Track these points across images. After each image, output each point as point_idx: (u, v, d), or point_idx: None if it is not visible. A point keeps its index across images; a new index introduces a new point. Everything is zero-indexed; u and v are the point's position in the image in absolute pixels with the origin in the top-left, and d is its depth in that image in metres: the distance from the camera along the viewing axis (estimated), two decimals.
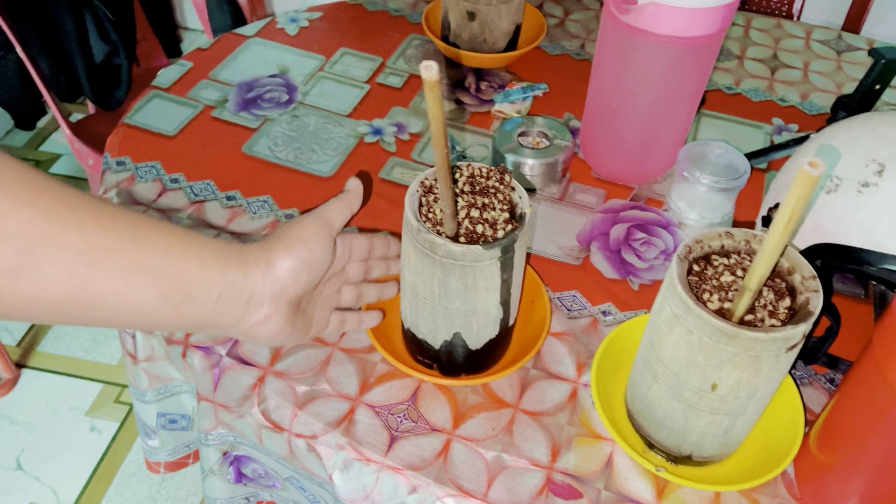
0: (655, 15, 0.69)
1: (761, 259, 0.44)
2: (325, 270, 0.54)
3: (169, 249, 0.43)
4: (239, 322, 0.49)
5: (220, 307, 0.47)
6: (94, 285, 0.40)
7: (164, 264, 0.43)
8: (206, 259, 0.45)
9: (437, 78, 0.40)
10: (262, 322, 0.50)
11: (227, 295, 0.47)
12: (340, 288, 0.61)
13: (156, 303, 0.43)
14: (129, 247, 0.41)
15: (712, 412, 0.53)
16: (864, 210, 0.55)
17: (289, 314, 0.51)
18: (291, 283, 0.50)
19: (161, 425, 0.84)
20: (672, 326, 0.51)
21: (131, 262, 0.41)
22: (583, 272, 0.75)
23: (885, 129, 0.57)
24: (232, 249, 0.48)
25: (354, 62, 1.01)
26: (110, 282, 0.40)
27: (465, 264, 0.54)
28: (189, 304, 0.45)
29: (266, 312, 0.49)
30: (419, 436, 0.61)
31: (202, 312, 0.46)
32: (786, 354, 0.49)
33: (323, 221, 0.53)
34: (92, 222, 0.39)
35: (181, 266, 0.44)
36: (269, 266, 0.49)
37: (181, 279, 0.44)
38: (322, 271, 0.53)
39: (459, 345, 0.61)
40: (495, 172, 0.59)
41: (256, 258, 0.49)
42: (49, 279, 0.38)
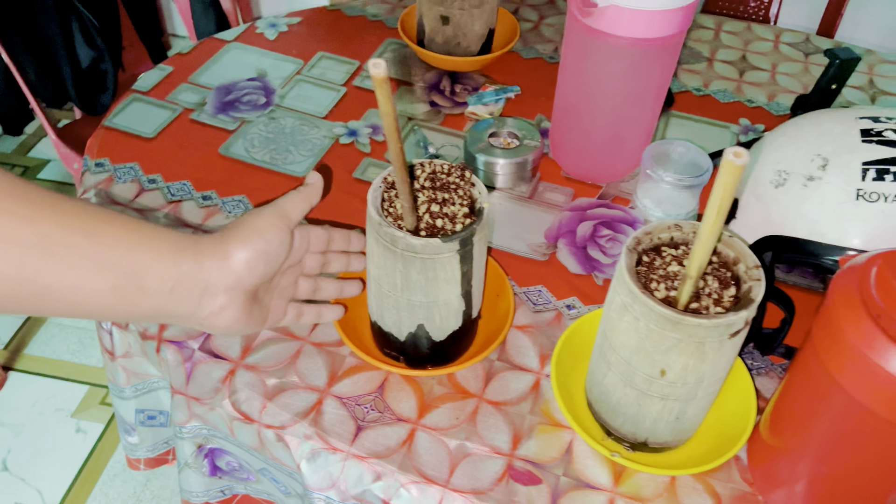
0: (615, 17, 0.71)
1: (698, 247, 0.46)
2: (282, 262, 0.55)
3: (123, 241, 0.45)
4: (194, 312, 0.50)
5: (174, 298, 0.48)
6: (46, 278, 0.41)
7: (117, 256, 0.44)
8: (161, 250, 0.47)
9: (384, 75, 0.42)
10: (218, 312, 0.51)
11: (181, 286, 0.48)
12: (297, 279, 0.62)
13: (109, 294, 0.44)
14: (81, 240, 0.42)
15: (663, 398, 0.55)
16: (810, 203, 0.57)
17: (245, 304, 0.53)
18: (247, 274, 0.51)
19: (140, 421, 0.86)
20: (622, 315, 0.53)
21: (84, 255, 0.42)
22: (549, 268, 0.77)
23: (831, 126, 0.59)
24: (187, 241, 0.49)
25: (332, 65, 1.03)
26: (62, 274, 0.42)
27: (424, 257, 0.56)
28: (143, 295, 0.46)
29: (221, 303, 0.51)
30: (385, 425, 0.63)
31: (156, 303, 0.47)
32: (729, 340, 0.51)
33: (280, 214, 0.54)
34: (44, 216, 0.41)
35: (134, 258, 0.45)
36: (225, 257, 0.50)
37: (134, 271, 0.45)
38: (278, 263, 0.54)
39: (423, 336, 0.63)
40: (456, 169, 0.61)
41: (212, 249, 0.50)
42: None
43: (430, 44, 1.01)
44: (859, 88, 1.04)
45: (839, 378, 0.48)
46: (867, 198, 0.55)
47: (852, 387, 0.48)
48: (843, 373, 0.48)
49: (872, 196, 0.55)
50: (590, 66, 0.77)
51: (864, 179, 0.55)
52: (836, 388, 0.49)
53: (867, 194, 0.55)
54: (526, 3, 1.18)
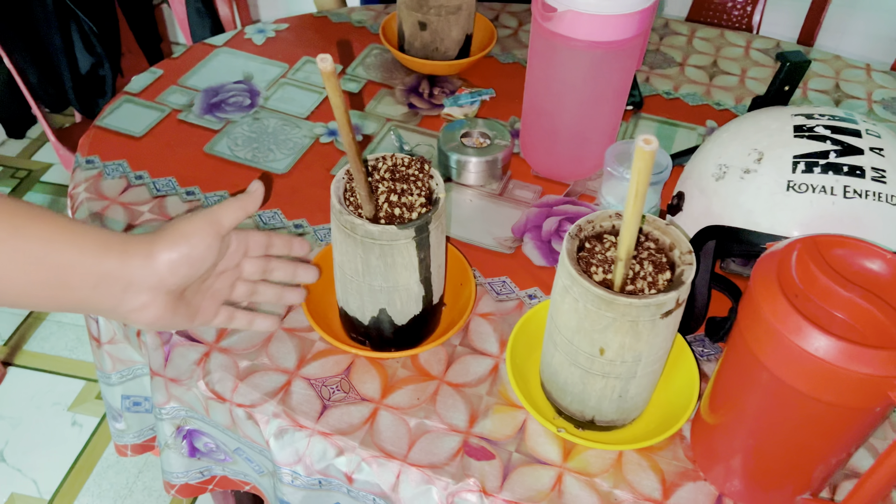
0: (574, 21, 0.75)
1: (624, 231, 0.50)
2: (210, 266, 0.56)
3: (49, 239, 0.48)
4: (117, 307, 0.52)
5: (97, 293, 0.50)
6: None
7: (44, 253, 0.47)
8: (86, 248, 0.49)
9: (331, 68, 0.46)
10: (140, 309, 0.53)
11: (105, 282, 0.50)
12: (234, 283, 0.62)
13: (36, 287, 0.48)
14: (9, 237, 0.46)
15: (605, 376, 0.58)
16: (746, 194, 0.61)
17: (168, 303, 0.54)
18: (169, 275, 0.53)
19: (126, 407, 0.90)
20: (563, 297, 0.56)
21: (12, 251, 0.46)
22: (514, 260, 0.81)
23: (768, 122, 0.63)
24: (114, 239, 0.52)
25: (315, 69, 1.07)
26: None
27: (382, 243, 0.60)
28: (67, 289, 0.49)
29: (144, 300, 0.53)
30: (349, 405, 0.67)
31: (80, 297, 0.50)
32: (662, 320, 0.54)
33: (211, 220, 0.55)
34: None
35: (60, 254, 0.48)
36: (150, 257, 0.52)
37: (59, 266, 0.48)
38: (204, 267, 0.56)
39: (386, 321, 0.67)
40: (415, 162, 0.64)
41: (138, 248, 0.52)
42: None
43: (410, 49, 1.05)
44: (824, 92, 1.07)
45: (761, 357, 0.52)
46: (797, 189, 0.58)
47: (773, 365, 0.51)
48: (764, 352, 0.51)
49: (801, 187, 0.58)
50: (553, 69, 0.81)
51: (794, 171, 0.59)
52: (760, 366, 0.52)
53: (797, 185, 0.58)
54: (506, 10, 1.22)
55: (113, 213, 0.83)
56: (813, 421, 0.52)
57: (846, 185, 0.57)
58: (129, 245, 0.52)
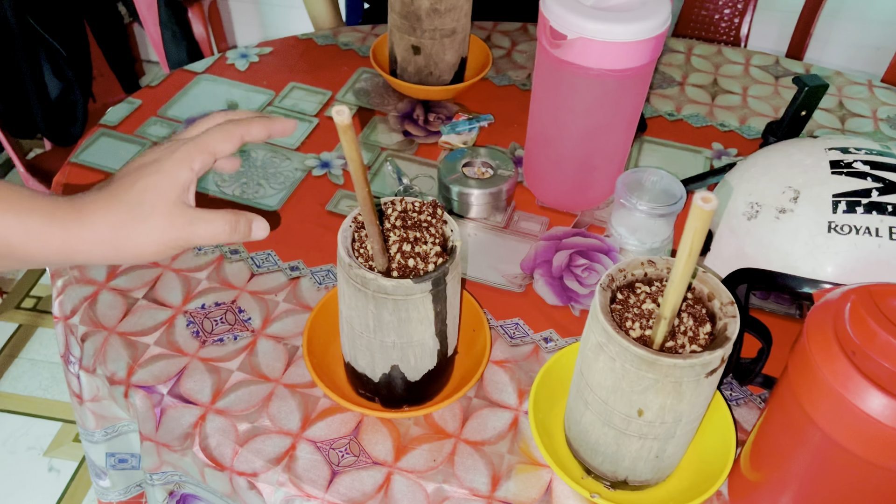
0: (585, 49, 0.71)
1: (671, 289, 0.45)
2: None
3: None
4: (85, 262, 0.51)
5: (56, 262, 0.50)
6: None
7: None
8: (31, 226, 0.48)
9: (348, 122, 0.41)
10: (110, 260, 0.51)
11: (57, 257, 0.49)
12: None
13: None
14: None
15: (642, 437, 0.54)
16: (782, 235, 0.57)
17: None
18: (127, 251, 0.51)
19: (111, 465, 0.84)
20: (597, 354, 0.52)
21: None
22: (526, 299, 0.77)
23: (801, 157, 0.59)
24: (60, 211, 0.49)
25: (304, 96, 1.02)
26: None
27: (397, 298, 0.55)
28: (20, 262, 0.49)
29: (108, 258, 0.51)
30: (360, 470, 0.62)
31: (39, 262, 0.50)
32: (706, 379, 0.50)
33: (184, 182, 0.52)
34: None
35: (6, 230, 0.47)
36: (101, 241, 0.50)
37: (7, 244, 0.47)
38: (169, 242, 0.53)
39: (398, 377, 0.62)
40: (427, 206, 0.60)
41: (86, 227, 0.49)
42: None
43: (403, 73, 1.00)
44: (829, 111, 1.05)
45: (815, 416, 0.48)
46: (839, 230, 0.55)
47: (828, 425, 0.47)
48: (818, 411, 0.48)
49: (844, 228, 0.55)
50: (560, 97, 0.77)
51: (835, 212, 0.55)
52: (812, 425, 0.48)
53: (839, 227, 0.55)
54: (498, 30, 1.18)
55: None
56: (868, 487, 0.49)
57: (892, 226, 0.54)
58: (77, 220, 0.49)
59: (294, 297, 0.75)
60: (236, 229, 0.54)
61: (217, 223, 0.53)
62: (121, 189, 0.51)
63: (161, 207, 0.51)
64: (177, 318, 0.73)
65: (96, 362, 0.70)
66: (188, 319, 0.73)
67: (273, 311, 0.74)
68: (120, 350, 0.69)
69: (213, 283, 0.76)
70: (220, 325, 0.72)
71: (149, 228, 0.51)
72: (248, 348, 0.70)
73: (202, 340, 0.71)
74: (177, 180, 0.52)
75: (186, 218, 0.52)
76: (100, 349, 0.70)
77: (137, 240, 0.51)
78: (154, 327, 0.72)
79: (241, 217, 0.55)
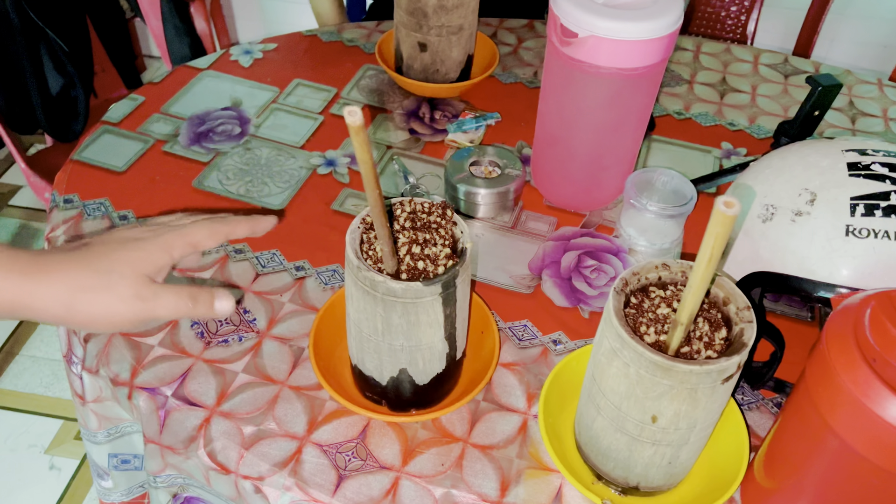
0: (596, 47, 0.70)
1: (689, 295, 0.44)
2: None
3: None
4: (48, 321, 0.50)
5: (16, 315, 0.49)
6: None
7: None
8: None
9: (360, 123, 0.40)
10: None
11: (14, 310, 0.48)
12: None
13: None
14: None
15: (655, 443, 0.53)
16: (798, 238, 0.56)
17: None
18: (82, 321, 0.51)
19: (113, 466, 0.83)
20: (611, 360, 0.51)
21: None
22: (534, 301, 0.76)
23: (817, 158, 0.58)
24: (19, 264, 0.49)
25: (308, 93, 1.01)
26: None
27: (406, 301, 0.54)
28: None
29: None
30: (367, 474, 0.61)
31: None
32: (722, 386, 0.49)
33: (149, 270, 0.53)
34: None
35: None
36: (61, 304, 0.49)
37: None
38: None
39: (406, 380, 0.61)
40: (437, 207, 0.59)
41: (45, 288, 0.49)
42: None
43: (409, 70, 0.99)
44: (839, 110, 1.03)
45: (833, 423, 0.47)
46: (857, 234, 0.54)
47: (847, 433, 0.47)
48: (837, 418, 0.47)
49: (862, 232, 0.54)
50: (570, 96, 0.75)
51: (853, 215, 0.54)
52: (831, 433, 0.48)
53: (857, 230, 0.54)
54: (504, 27, 1.17)
55: None
56: (886, 496, 0.48)
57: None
58: (36, 276, 0.49)
59: (299, 298, 0.74)
60: (197, 302, 0.54)
61: (181, 295, 0.53)
62: (91, 255, 0.51)
63: (130, 279, 0.51)
64: None
65: (99, 363, 0.69)
66: (192, 320, 0.72)
67: (278, 311, 0.73)
68: (123, 351, 0.69)
69: (217, 282, 0.75)
70: (224, 325, 0.71)
71: (112, 298, 0.50)
72: (253, 350, 0.69)
73: (207, 341, 0.70)
74: (154, 260, 0.53)
75: (151, 291, 0.52)
76: (103, 350, 0.69)
77: (97, 307, 0.50)
78: (158, 328, 0.71)
79: (204, 292, 0.54)
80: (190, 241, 0.55)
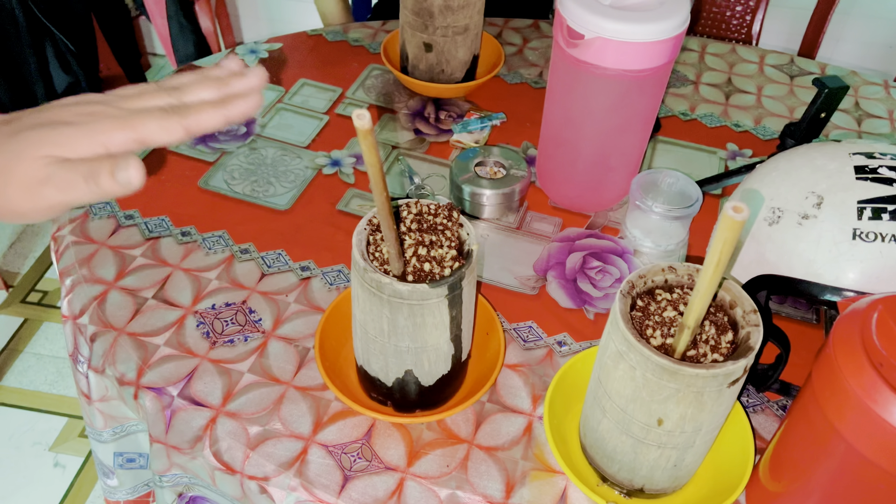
0: (602, 49, 0.70)
1: (696, 299, 0.44)
2: None
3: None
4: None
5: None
6: None
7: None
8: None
9: (369, 126, 0.40)
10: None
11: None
12: None
13: None
14: None
15: (660, 446, 0.53)
16: (805, 242, 0.56)
17: None
18: None
19: (119, 464, 0.83)
20: (617, 362, 0.51)
21: None
22: (539, 302, 0.76)
23: (824, 161, 0.58)
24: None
25: (314, 93, 1.01)
26: None
27: (412, 303, 0.54)
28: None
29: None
30: (373, 475, 0.61)
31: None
32: (728, 389, 0.49)
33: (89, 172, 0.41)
34: None
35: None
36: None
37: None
38: None
39: (412, 381, 0.61)
40: (443, 209, 0.59)
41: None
42: None
43: (414, 70, 0.99)
44: (845, 111, 1.03)
45: (840, 427, 0.47)
46: (864, 237, 0.54)
47: (853, 437, 0.47)
48: (844, 422, 0.47)
49: (869, 236, 0.54)
50: (576, 97, 0.75)
51: (860, 218, 0.54)
52: (837, 437, 0.48)
53: (864, 234, 0.54)
54: (509, 27, 1.17)
55: (102, 258, 0.77)
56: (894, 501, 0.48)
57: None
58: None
59: (305, 298, 0.74)
60: (96, 178, 0.42)
61: (76, 171, 0.42)
62: (4, 133, 0.43)
63: (28, 162, 0.42)
64: (187, 318, 0.72)
65: (105, 363, 0.69)
66: (198, 320, 0.72)
67: (284, 311, 0.73)
68: (129, 351, 0.69)
69: (223, 282, 0.75)
70: (230, 325, 0.71)
71: (3, 181, 0.42)
72: (258, 350, 0.69)
73: (212, 341, 0.70)
74: (74, 147, 0.42)
75: (45, 173, 0.42)
76: (109, 350, 0.69)
77: None
78: (164, 328, 0.71)
79: (104, 163, 0.42)
80: (134, 136, 0.43)
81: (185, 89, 0.46)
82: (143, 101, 0.45)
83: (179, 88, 0.46)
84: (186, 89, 0.46)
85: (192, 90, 0.46)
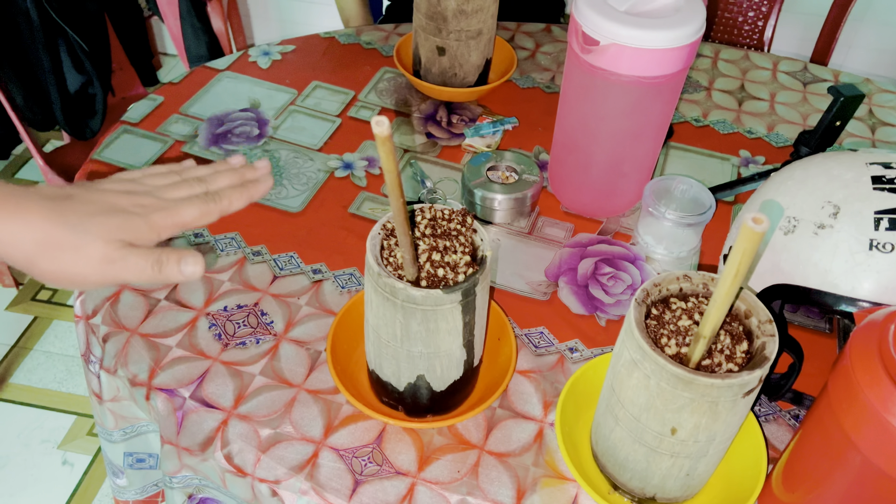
0: (617, 55, 0.70)
1: (713, 309, 0.44)
2: None
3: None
4: None
5: None
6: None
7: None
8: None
9: (388, 133, 0.40)
10: None
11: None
12: None
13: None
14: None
15: (673, 455, 0.53)
16: (821, 252, 0.56)
17: None
18: None
19: (128, 464, 0.83)
20: (631, 371, 0.51)
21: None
22: (550, 308, 0.76)
23: (840, 171, 0.58)
24: None
25: (326, 95, 1.01)
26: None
27: (426, 308, 0.54)
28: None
29: None
30: (383, 479, 0.61)
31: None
32: (743, 399, 0.49)
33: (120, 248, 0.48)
34: None
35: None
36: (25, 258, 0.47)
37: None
38: None
39: (423, 387, 0.61)
40: (457, 214, 0.59)
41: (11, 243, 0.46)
42: None
43: (427, 74, 0.99)
44: (859, 119, 1.03)
45: (856, 440, 0.47)
46: (881, 248, 0.53)
47: (870, 449, 0.46)
48: (860, 435, 0.46)
49: (886, 247, 0.53)
50: (590, 103, 0.75)
51: (877, 229, 0.54)
52: (853, 449, 0.47)
53: (881, 244, 0.53)
54: (521, 31, 1.17)
55: None
56: None
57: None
58: (4, 213, 0.46)
59: (317, 301, 0.74)
60: (164, 266, 0.50)
61: (148, 259, 0.49)
62: (70, 211, 0.48)
63: (102, 243, 0.48)
64: (199, 320, 0.72)
65: (118, 363, 0.69)
66: (210, 322, 0.72)
67: (295, 314, 0.73)
68: (142, 352, 0.69)
69: (235, 284, 0.75)
70: (242, 327, 0.72)
71: (79, 258, 0.48)
72: (270, 352, 0.70)
73: (224, 343, 0.70)
74: (138, 236, 0.49)
75: (120, 254, 0.48)
76: (121, 350, 0.69)
77: (61, 265, 0.47)
78: (176, 329, 0.71)
79: (171, 255, 0.50)
80: (179, 223, 0.52)
81: (209, 180, 0.55)
82: (180, 192, 0.54)
83: (204, 179, 0.55)
84: (211, 179, 0.55)
85: (215, 180, 0.56)
